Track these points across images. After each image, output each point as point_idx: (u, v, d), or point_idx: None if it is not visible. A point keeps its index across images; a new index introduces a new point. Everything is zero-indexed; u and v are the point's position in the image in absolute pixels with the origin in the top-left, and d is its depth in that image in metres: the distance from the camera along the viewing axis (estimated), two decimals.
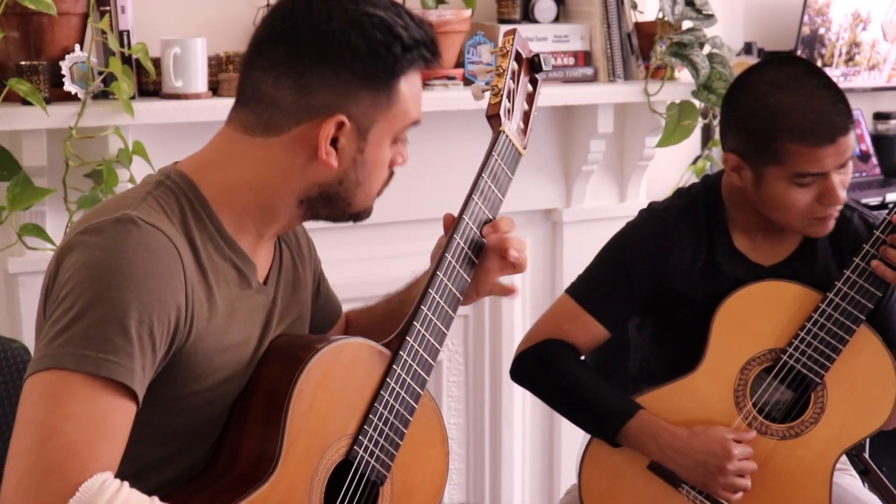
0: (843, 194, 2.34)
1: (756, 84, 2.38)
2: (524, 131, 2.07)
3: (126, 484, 1.60)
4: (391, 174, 1.89)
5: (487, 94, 2.00)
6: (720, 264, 2.46)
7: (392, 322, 2.06)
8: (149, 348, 1.65)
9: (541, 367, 2.49)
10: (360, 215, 1.89)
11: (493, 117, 1.98)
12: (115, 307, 1.62)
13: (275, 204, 1.82)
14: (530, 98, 2.10)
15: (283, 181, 1.80)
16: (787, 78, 2.36)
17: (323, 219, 1.88)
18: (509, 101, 2.00)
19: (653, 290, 2.47)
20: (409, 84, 1.81)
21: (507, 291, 2.03)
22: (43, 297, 1.74)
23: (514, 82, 2.02)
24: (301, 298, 2.00)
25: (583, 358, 2.55)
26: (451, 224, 1.96)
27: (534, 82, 2.11)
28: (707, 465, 2.36)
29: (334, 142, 1.78)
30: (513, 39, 2.02)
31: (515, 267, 1.98)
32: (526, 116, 2.08)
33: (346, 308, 2.24)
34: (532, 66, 2.08)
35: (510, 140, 1.99)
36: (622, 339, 2.66)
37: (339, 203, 1.84)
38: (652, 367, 2.57)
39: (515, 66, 2.03)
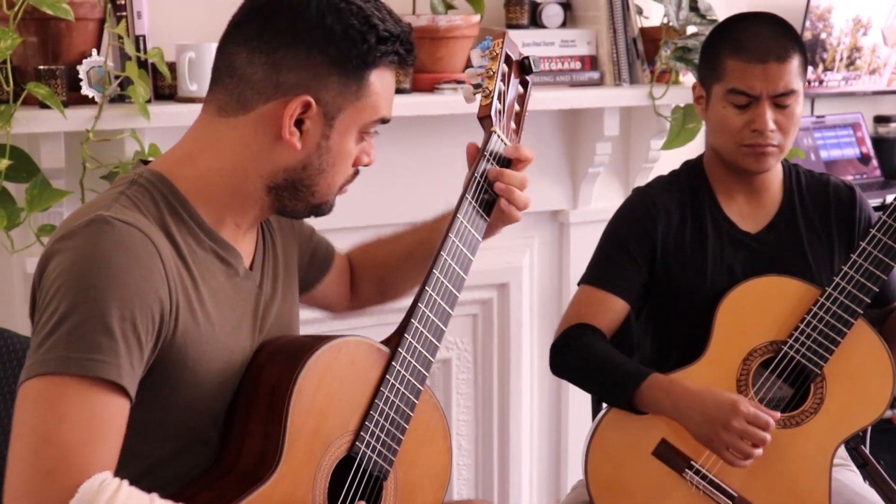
0: (770, 125, 2.45)
1: (725, 20, 2.58)
2: (517, 132, 2.09)
3: (125, 482, 1.61)
4: (356, 172, 1.89)
5: (478, 96, 2.02)
6: (709, 228, 2.55)
7: (424, 249, 2.11)
8: (135, 344, 1.65)
9: (566, 351, 2.54)
10: (321, 208, 1.88)
11: (485, 118, 2.00)
12: (96, 307, 1.62)
13: (246, 188, 1.81)
14: (521, 99, 2.12)
15: (252, 162, 1.79)
16: (749, 14, 2.55)
17: (289, 212, 1.88)
18: (500, 103, 2.02)
19: (650, 255, 2.55)
20: (380, 78, 1.81)
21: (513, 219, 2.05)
22: (30, 309, 1.75)
23: (504, 84, 2.04)
24: (289, 276, 2.01)
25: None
26: (475, 154, 2.00)
27: (524, 84, 2.13)
28: (714, 420, 2.33)
29: (300, 124, 1.78)
30: (502, 43, 2.04)
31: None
32: (518, 117, 2.10)
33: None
34: (522, 68, 2.10)
35: (501, 140, 2.01)
36: (627, 341, 2.71)
37: (303, 192, 1.83)
38: (652, 367, 2.59)
39: (505, 68, 2.05)
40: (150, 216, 1.75)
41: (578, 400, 3.53)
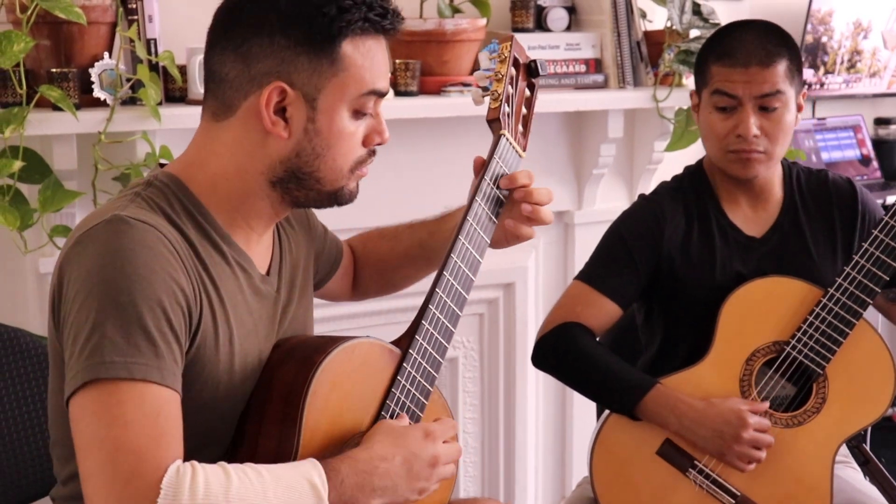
0: (754, 129, 2.45)
1: (717, 30, 2.58)
2: (524, 135, 2.10)
3: (194, 462, 1.63)
4: (371, 153, 1.85)
5: (487, 99, 2.03)
6: (715, 235, 2.55)
7: (422, 251, 2.13)
8: (173, 341, 1.66)
9: (560, 348, 2.54)
10: (338, 195, 1.85)
11: (494, 121, 2.01)
12: (128, 310, 1.62)
13: (251, 188, 1.81)
14: (528, 102, 2.13)
15: (250, 161, 1.79)
16: (740, 23, 2.55)
17: (304, 203, 1.85)
18: (508, 106, 2.03)
19: (654, 263, 2.55)
20: (357, 49, 1.76)
21: (528, 236, 2.06)
22: (51, 313, 1.74)
23: (512, 87, 2.06)
24: (305, 278, 2.02)
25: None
26: (481, 165, 2.00)
27: (531, 87, 2.14)
28: (723, 434, 2.40)
29: (283, 112, 1.76)
30: (510, 46, 2.05)
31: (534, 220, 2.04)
32: (525, 120, 2.11)
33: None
34: (529, 71, 2.12)
35: (510, 143, 2.03)
36: (632, 340, 2.74)
37: (308, 180, 1.80)
38: (658, 367, 2.61)
39: (513, 71, 2.06)
40: (166, 217, 1.76)
41: (583, 399, 3.54)
